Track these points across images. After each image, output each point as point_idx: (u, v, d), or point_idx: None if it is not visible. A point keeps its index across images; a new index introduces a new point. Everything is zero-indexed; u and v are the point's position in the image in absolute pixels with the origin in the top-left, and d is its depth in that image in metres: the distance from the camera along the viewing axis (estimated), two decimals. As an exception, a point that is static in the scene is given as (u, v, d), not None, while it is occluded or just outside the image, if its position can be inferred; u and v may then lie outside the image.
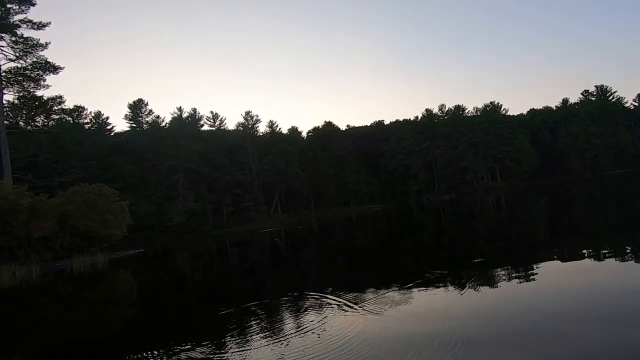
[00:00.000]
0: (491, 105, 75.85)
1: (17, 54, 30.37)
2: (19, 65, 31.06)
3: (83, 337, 7.12)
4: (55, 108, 49.34)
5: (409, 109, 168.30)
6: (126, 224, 24.09)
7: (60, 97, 38.43)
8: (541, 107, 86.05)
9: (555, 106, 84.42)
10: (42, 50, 31.25)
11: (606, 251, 8.16)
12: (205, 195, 54.68)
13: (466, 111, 75.73)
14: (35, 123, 52.17)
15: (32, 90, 33.41)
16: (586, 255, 8.30)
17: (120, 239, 23.93)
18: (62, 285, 16.27)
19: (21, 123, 51.08)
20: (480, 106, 76.43)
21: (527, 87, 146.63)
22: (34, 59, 30.81)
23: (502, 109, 75.82)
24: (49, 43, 31.82)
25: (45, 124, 52.75)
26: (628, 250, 7.98)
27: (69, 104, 56.14)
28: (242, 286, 10.35)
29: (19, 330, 8.47)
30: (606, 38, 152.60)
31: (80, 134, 51.01)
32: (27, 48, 29.84)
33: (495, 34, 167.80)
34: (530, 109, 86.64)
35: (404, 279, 7.81)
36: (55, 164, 47.06)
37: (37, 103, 34.95)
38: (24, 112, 51.42)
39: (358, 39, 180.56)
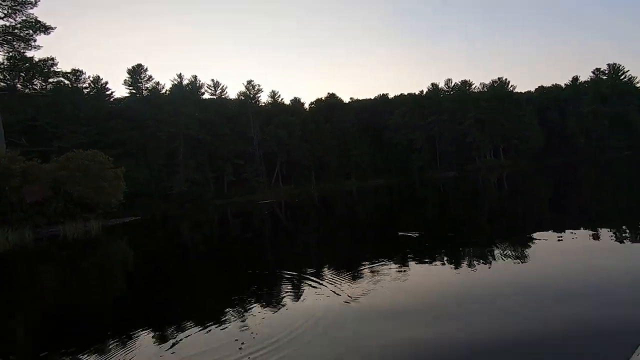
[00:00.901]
0: (499, 82, 73.40)
1: (5, 12, 28.74)
2: (8, 24, 29.47)
3: (76, 302, 7.09)
4: (53, 70, 47.80)
5: (414, 84, 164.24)
6: (122, 191, 23.51)
7: (52, 59, 36.89)
8: (550, 85, 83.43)
9: (565, 84, 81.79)
10: (31, 8, 29.58)
11: (605, 232, 7.80)
12: (206, 164, 54.03)
13: (473, 87, 73.43)
14: (33, 86, 50.78)
15: (22, 50, 31.86)
16: (576, 234, 7.97)
17: (116, 206, 23.42)
18: (57, 250, 15.90)
19: (18, 85, 49.67)
20: (487, 82, 74.05)
21: (536, 64, 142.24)
22: (23, 17, 29.19)
23: (509, 86, 73.44)
24: (39, 1, 30.09)
25: (44, 87, 51.38)
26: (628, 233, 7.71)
27: (66, 68, 54.61)
28: (234, 256, 9.95)
29: (13, 295, 8.34)
30: (621, 15, 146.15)
31: (79, 98, 49.73)
32: (15, 5, 28.18)
33: (507, 8, 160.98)
34: (539, 87, 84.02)
35: (398, 255, 7.55)
36: (54, 129, 46.12)
37: (27, 64, 33.42)
38: (21, 74, 49.98)
39: (365, 10, 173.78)
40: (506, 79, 73.06)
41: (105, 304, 6.91)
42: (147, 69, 54.36)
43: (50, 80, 50.57)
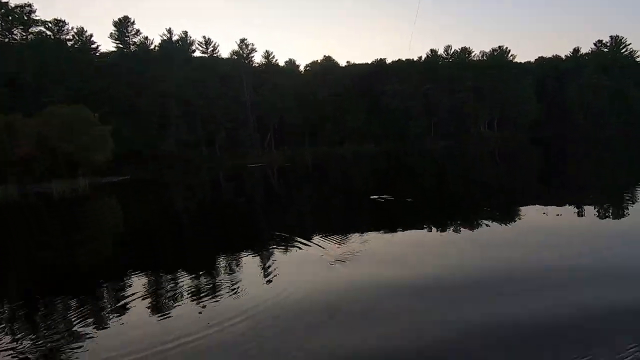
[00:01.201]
0: (499, 50, 71.44)
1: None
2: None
3: (64, 257, 6.97)
4: (32, 18, 44.91)
5: (413, 50, 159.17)
6: (110, 150, 22.66)
7: (30, 5, 34.40)
8: (551, 56, 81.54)
9: (565, 55, 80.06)
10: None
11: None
12: (198, 126, 52.65)
13: (472, 55, 71.39)
14: (13, 35, 48.01)
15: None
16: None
17: (104, 165, 22.66)
18: (45, 207, 15.42)
19: (-4, 34, 46.84)
20: (487, 50, 72.03)
21: (538, 33, 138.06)
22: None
23: (509, 55, 71.61)
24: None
25: (24, 37, 48.58)
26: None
27: (47, 17, 51.37)
28: (223, 219, 9.62)
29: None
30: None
31: (64, 52, 47.15)
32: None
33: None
34: (539, 57, 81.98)
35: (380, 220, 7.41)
36: (39, 82, 43.97)
37: (3, 10, 31.11)
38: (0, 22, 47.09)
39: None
40: (507, 48, 71.22)
41: (94, 256, 6.88)
42: (134, 21, 51.43)
43: (31, 30, 47.74)
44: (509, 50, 71.13)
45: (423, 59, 71.86)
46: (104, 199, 16.68)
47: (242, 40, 59.74)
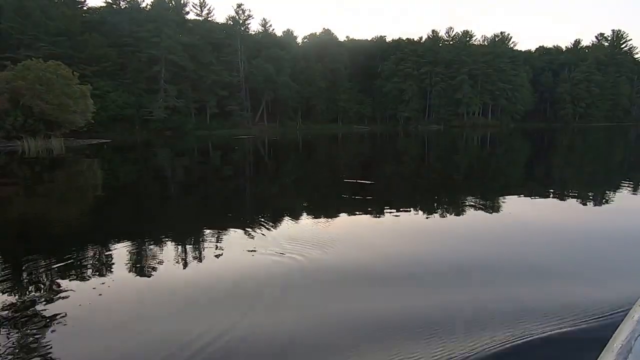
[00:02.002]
0: (500, 36, 69.94)
1: None
2: None
3: (41, 216, 6.85)
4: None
5: (415, 28, 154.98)
6: (90, 111, 21.57)
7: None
8: (551, 47, 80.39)
9: (566, 47, 79.03)
10: None
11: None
12: (188, 92, 50.92)
13: (473, 39, 69.80)
14: (-6, -18, 44.81)
15: None
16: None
17: (84, 126, 21.63)
18: (17, 166, 14.67)
19: (-23, -21, 43.70)
20: (489, 35, 70.46)
21: (542, 20, 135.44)
22: None
23: (510, 42, 70.22)
24: None
25: (6, -16, 45.39)
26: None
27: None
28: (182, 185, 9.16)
29: None
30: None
31: (48, 3, 44.36)
32: None
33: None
34: (539, 47, 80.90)
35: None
36: (20, 35, 41.49)
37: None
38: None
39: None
40: (508, 34, 69.69)
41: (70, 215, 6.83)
42: (125, -24, 48.37)
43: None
44: (511, 37, 69.75)
45: (424, 39, 70.06)
46: (79, 161, 15.84)
47: (239, 6, 57.11)
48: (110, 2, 49.42)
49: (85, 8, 49.58)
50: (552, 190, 8.67)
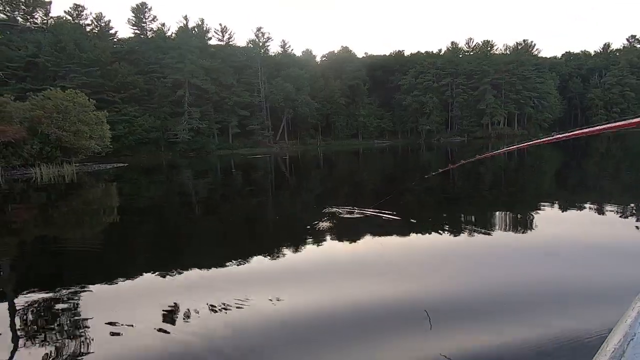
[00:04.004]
0: (523, 44, 67.02)
1: None
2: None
3: (59, 238, 6.71)
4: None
5: (433, 40, 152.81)
6: (107, 137, 21.56)
7: None
8: (579, 51, 76.38)
9: (595, 51, 74.79)
10: None
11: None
12: (211, 114, 51.60)
13: (495, 48, 67.31)
14: (34, 20, 47.72)
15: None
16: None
17: (103, 151, 21.61)
18: (35, 193, 14.46)
19: (19, 18, 46.67)
20: (511, 44, 67.75)
21: (566, 26, 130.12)
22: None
23: (534, 49, 67.17)
24: None
25: (45, 21, 48.25)
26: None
27: (67, 5, 50.79)
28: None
29: None
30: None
31: (81, 36, 46.58)
32: None
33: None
34: (566, 52, 76.94)
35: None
36: (56, 67, 43.58)
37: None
38: (22, 5, 46.85)
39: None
40: (531, 42, 66.69)
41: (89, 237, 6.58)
42: (151, 8, 50.31)
43: (51, 15, 47.34)
44: (534, 45, 66.70)
45: (443, 51, 68.34)
46: (93, 186, 15.46)
47: (259, 29, 57.98)
48: (138, 32, 51.34)
49: (115, 40, 51.72)
50: (587, 204, 7.20)
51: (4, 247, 6.39)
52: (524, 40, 66.64)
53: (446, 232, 5.85)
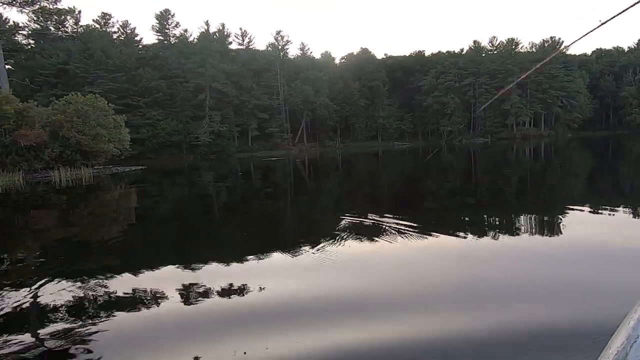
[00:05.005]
0: (550, 41, 63.99)
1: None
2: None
3: (82, 238, 6.69)
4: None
5: (455, 40, 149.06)
6: (126, 141, 21.71)
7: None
8: (610, 48, 72.31)
9: (628, 47, 70.58)
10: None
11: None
12: (231, 117, 51.93)
13: (520, 46, 64.63)
14: (65, 29, 49.35)
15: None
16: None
17: (122, 155, 21.79)
18: (55, 195, 14.57)
19: (51, 28, 48.40)
20: (537, 41, 64.88)
21: (596, 22, 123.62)
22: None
23: (562, 46, 63.97)
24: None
25: (75, 30, 49.90)
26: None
27: (94, 12, 52.42)
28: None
29: (14, 232, 7.76)
30: None
31: (108, 43, 47.92)
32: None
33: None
34: (597, 49, 73.03)
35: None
36: (84, 73, 44.98)
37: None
38: (54, 15, 48.50)
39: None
40: (559, 39, 63.56)
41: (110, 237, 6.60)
42: (174, 14, 51.17)
43: (81, 23, 48.92)
44: (562, 42, 63.53)
45: (465, 51, 66.24)
46: (107, 188, 15.43)
47: (278, 32, 57.99)
48: (162, 38, 52.35)
49: (140, 46, 52.94)
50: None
51: (32, 243, 6.62)
52: (551, 38, 63.70)
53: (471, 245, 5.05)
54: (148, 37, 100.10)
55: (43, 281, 4.06)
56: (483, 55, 64.16)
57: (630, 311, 1.00)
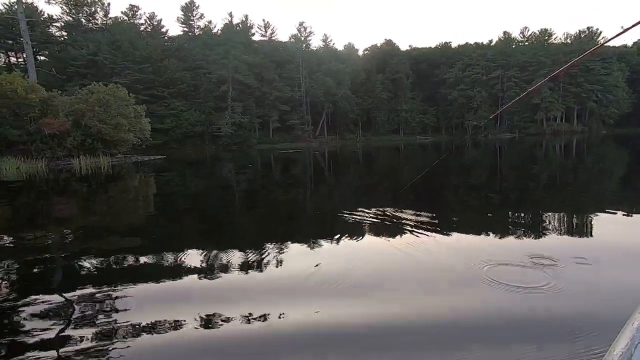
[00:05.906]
0: (587, 32, 59.98)
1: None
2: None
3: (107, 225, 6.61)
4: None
5: (484, 31, 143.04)
6: (147, 130, 21.73)
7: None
8: (653, 39, 67.01)
9: (674, 38, 65.21)
10: None
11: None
12: (253, 109, 51.80)
13: (553, 37, 60.94)
14: (95, 20, 50.39)
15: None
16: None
17: (142, 144, 21.86)
18: (78, 183, 14.66)
19: (83, 20, 49.48)
20: (573, 32, 60.97)
21: (638, 13, 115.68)
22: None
23: (600, 37, 59.81)
24: None
25: (104, 22, 50.85)
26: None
27: (124, 2, 53.26)
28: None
29: (38, 217, 7.70)
30: None
31: (135, 35, 48.57)
32: None
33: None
34: (638, 40, 67.96)
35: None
36: (112, 64, 45.83)
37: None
38: (85, 7, 49.44)
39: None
40: (597, 30, 59.51)
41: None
42: (199, 6, 51.19)
43: (110, 15, 49.73)
44: (600, 32, 59.44)
45: (494, 42, 63.16)
46: (124, 176, 15.38)
47: (301, 24, 57.11)
48: (187, 30, 52.58)
49: (165, 38, 53.43)
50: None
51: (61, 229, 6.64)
52: (588, 28, 59.67)
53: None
54: (173, 28, 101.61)
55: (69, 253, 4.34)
56: (513, 46, 60.98)
57: (634, 312, 0.95)
